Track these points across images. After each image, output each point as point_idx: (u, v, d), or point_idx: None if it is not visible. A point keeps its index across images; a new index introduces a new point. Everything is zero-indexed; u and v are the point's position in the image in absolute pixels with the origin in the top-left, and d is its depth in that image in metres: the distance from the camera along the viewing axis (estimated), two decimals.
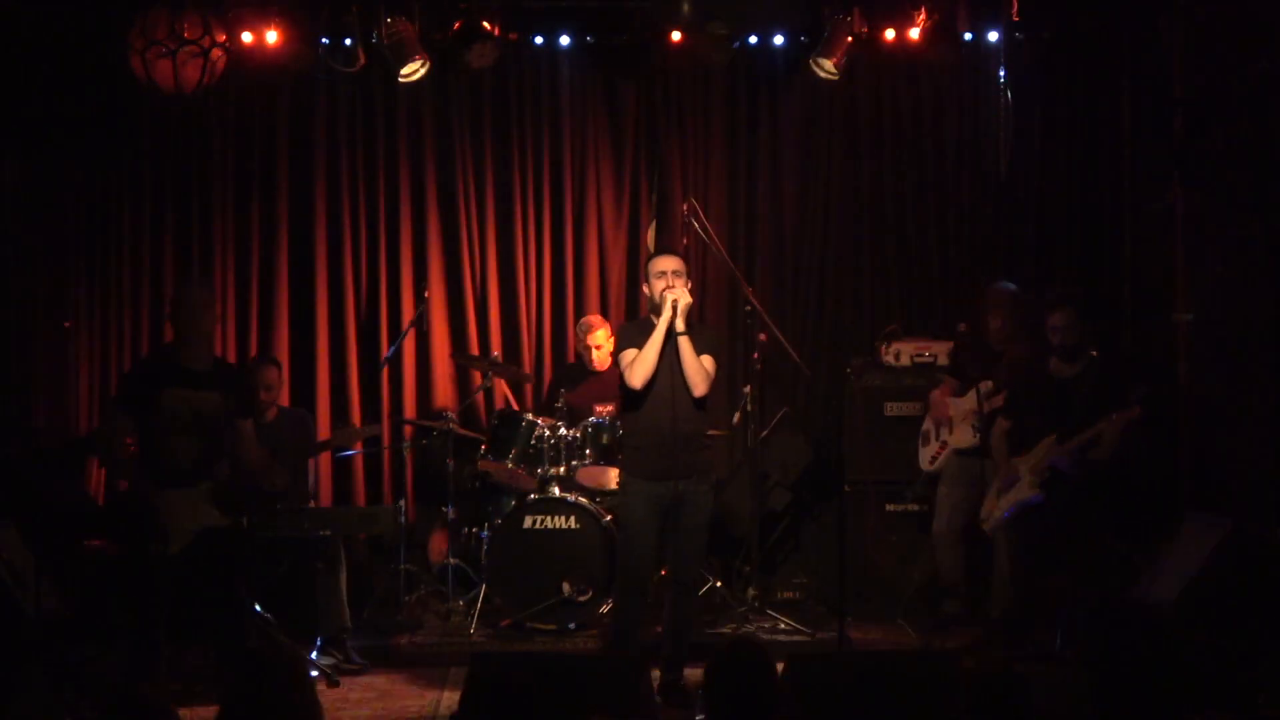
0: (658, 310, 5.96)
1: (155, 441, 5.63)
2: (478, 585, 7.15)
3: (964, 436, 7.09)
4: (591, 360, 7.61)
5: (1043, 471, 6.01)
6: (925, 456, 7.36)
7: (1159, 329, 7.61)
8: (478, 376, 7.71)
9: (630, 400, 6.03)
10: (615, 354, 6.17)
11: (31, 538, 6.26)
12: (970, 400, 7.09)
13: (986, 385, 6.83)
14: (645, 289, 6.12)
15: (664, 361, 5.92)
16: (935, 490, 7.25)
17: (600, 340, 7.54)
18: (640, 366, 5.90)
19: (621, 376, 6.02)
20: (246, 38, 7.16)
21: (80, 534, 6.63)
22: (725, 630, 6.98)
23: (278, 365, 7.20)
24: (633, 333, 6.05)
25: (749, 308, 7.16)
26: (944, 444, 7.23)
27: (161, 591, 5.64)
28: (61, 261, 7.84)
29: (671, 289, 5.92)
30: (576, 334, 7.71)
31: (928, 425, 7.41)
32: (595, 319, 7.66)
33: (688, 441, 5.94)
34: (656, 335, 5.90)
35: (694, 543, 6.05)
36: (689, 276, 6.10)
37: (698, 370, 5.91)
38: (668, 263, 6.04)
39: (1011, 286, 7.30)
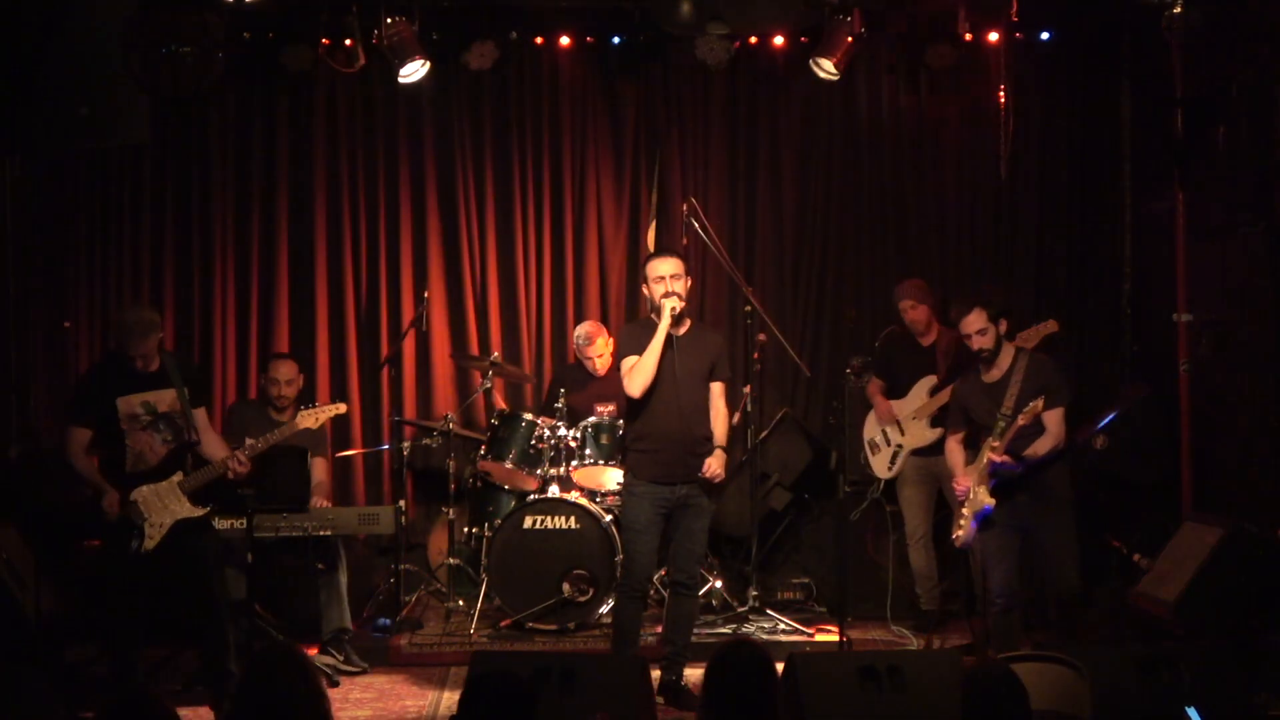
0: (658, 312, 5.96)
1: (119, 445, 5.63)
2: (478, 585, 7.16)
3: (919, 435, 7.10)
4: (592, 367, 7.61)
5: (987, 479, 5.98)
6: (880, 464, 7.34)
7: (1159, 329, 7.61)
8: (478, 376, 7.71)
9: (634, 405, 6.04)
10: (617, 357, 6.16)
11: (31, 538, 6.27)
12: (916, 399, 7.12)
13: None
14: (645, 290, 6.11)
15: (665, 367, 5.92)
16: (898, 493, 7.28)
17: (600, 350, 7.54)
18: (639, 375, 5.92)
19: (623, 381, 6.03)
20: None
21: (79, 534, 6.63)
22: (725, 630, 6.99)
23: (295, 361, 7.17)
24: (635, 335, 6.05)
25: (749, 308, 7.16)
26: (897, 447, 7.23)
27: (136, 589, 5.63)
28: (61, 261, 7.85)
29: (669, 295, 5.92)
30: (576, 342, 7.69)
31: (872, 432, 7.39)
32: (593, 329, 7.64)
33: (692, 446, 5.95)
34: (655, 343, 5.90)
35: (695, 544, 6.07)
36: (688, 275, 6.09)
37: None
38: (666, 266, 6.02)
39: (919, 280, 7.40)
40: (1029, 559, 6.18)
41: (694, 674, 5.98)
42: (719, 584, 7.37)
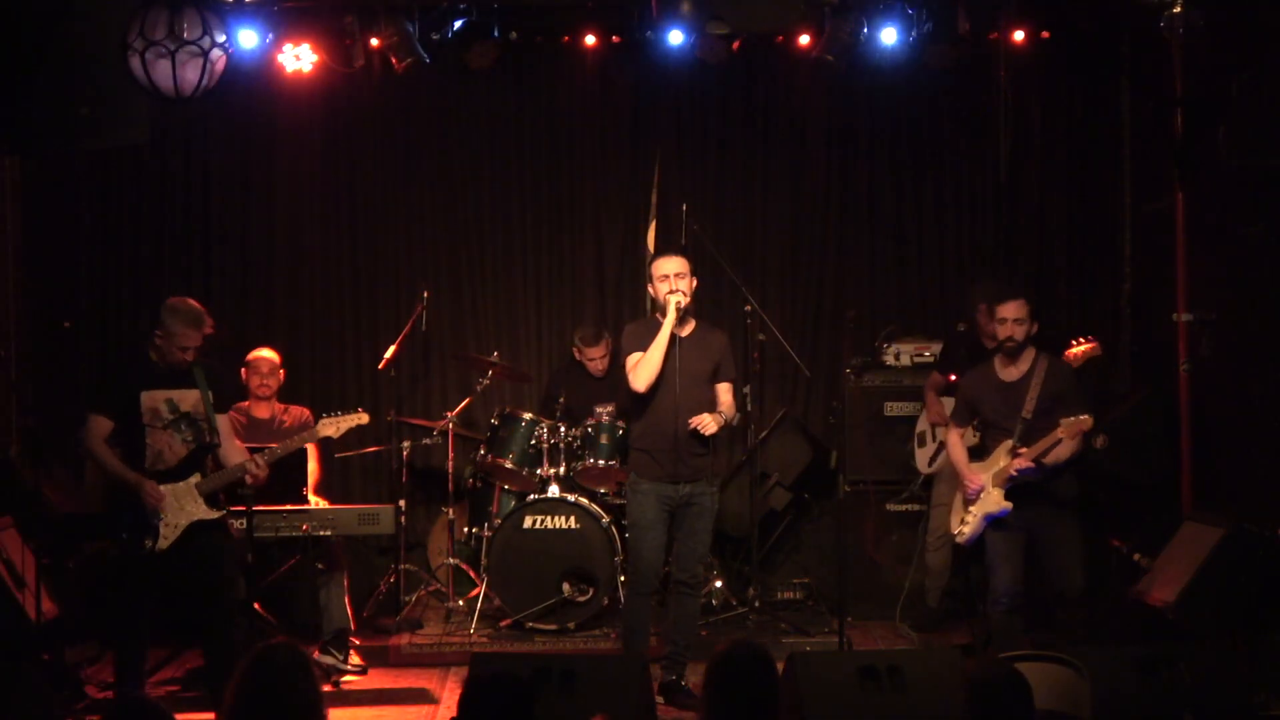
0: (663, 310, 5.96)
1: (139, 441, 5.62)
2: (478, 585, 7.16)
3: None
4: (592, 368, 7.60)
5: (1006, 482, 5.96)
6: (923, 458, 7.37)
7: (1159, 329, 7.61)
8: (478, 376, 7.71)
9: (636, 404, 6.03)
10: (622, 356, 6.14)
11: (31, 538, 6.26)
12: None
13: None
14: (650, 289, 6.11)
15: (668, 368, 5.90)
16: (931, 490, 7.28)
17: (602, 351, 7.53)
18: (644, 370, 5.90)
19: (626, 379, 6.02)
20: None
21: (80, 535, 6.62)
22: (725, 630, 6.98)
23: (273, 354, 7.13)
24: (639, 333, 6.04)
25: (749, 308, 7.16)
26: (940, 445, 7.25)
27: (147, 588, 5.62)
28: (62, 261, 7.85)
29: (675, 292, 5.91)
30: (578, 343, 7.69)
31: (923, 426, 7.42)
32: (597, 330, 7.63)
33: (692, 446, 5.93)
34: (661, 338, 5.89)
35: (698, 543, 6.06)
36: (693, 275, 6.08)
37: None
38: (671, 264, 6.01)
39: (997, 280, 7.36)
40: (1033, 559, 6.17)
41: (694, 674, 5.98)
42: (719, 584, 7.37)
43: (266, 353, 7.08)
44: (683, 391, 5.90)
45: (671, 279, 5.95)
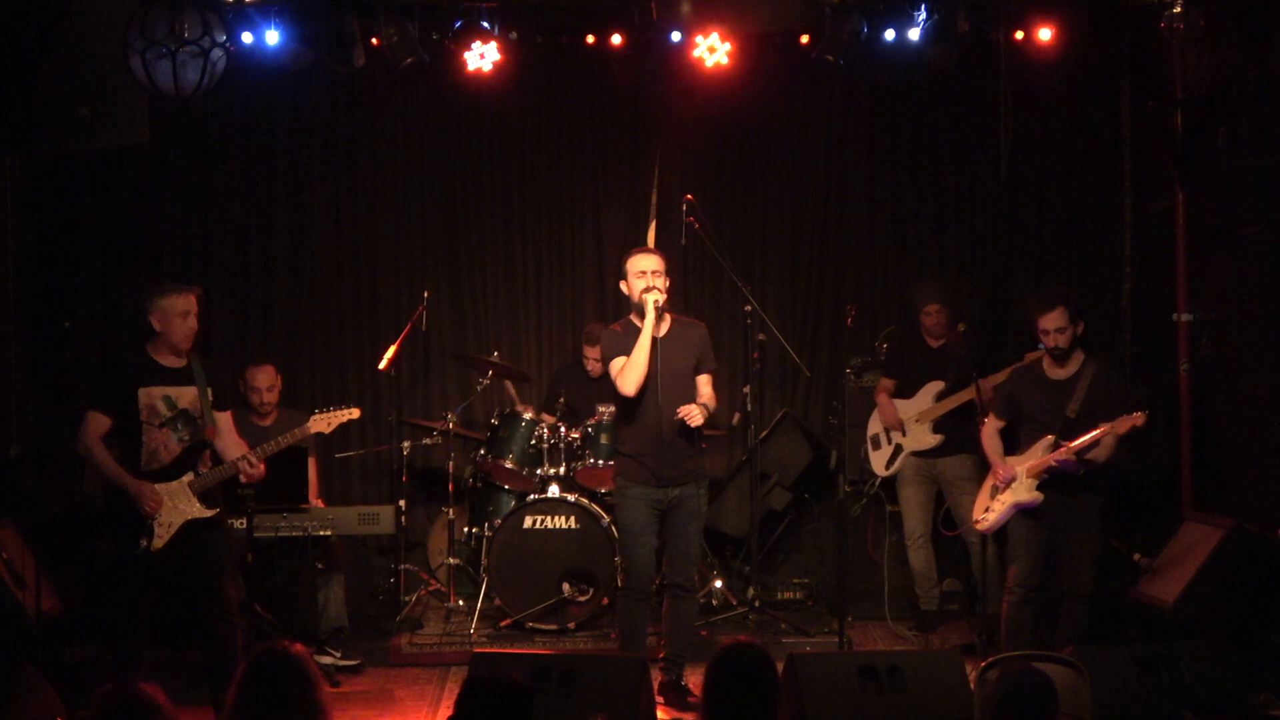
0: (640, 310, 5.93)
1: (135, 440, 5.62)
2: (478, 585, 7.16)
3: (919, 439, 7.11)
4: (588, 368, 7.61)
5: (1042, 474, 5.97)
6: (879, 461, 7.35)
7: (1159, 329, 7.61)
8: (478, 376, 7.71)
9: (621, 409, 6.01)
10: (605, 361, 6.09)
11: (31, 538, 6.26)
12: (922, 401, 7.12)
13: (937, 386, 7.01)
14: (624, 286, 6.05)
15: (651, 368, 5.86)
16: (898, 493, 7.30)
17: (597, 354, 7.53)
18: (631, 373, 5.85)
19: (614, 383, 5.99)
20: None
21: (80, 534, 6.62)
22: (725, 630, 6.98)
23: (273, 365, 7.14)
24: (619, 336, 5.99)
25: (749, 308, 7.16)
26: (897, 447, 7.24)
27: (143, 588, 5.62)
28: (61, 261, 7.85)
29: (651, 290, 5.87)
30: (583, 340, 7.70)
31: (876, 429, 7.40)
32: (597, 332, 7.63)
33: (681, 448, 5.91)
34: (643, 339, 5.85)
35: (690, 545, 6.04)
36: (668, 274, 5.99)
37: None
38: (648, 261, 5.96)
39: (937, 281, 7.47)
40: (1047, 555, 6.17)
41: (694, 674, 5.98)
42: (719, 584, 7.38)
43: (263, 368, 7.01)
44: (663, 394, 5.83)
45: (649, 275, 5.90)
